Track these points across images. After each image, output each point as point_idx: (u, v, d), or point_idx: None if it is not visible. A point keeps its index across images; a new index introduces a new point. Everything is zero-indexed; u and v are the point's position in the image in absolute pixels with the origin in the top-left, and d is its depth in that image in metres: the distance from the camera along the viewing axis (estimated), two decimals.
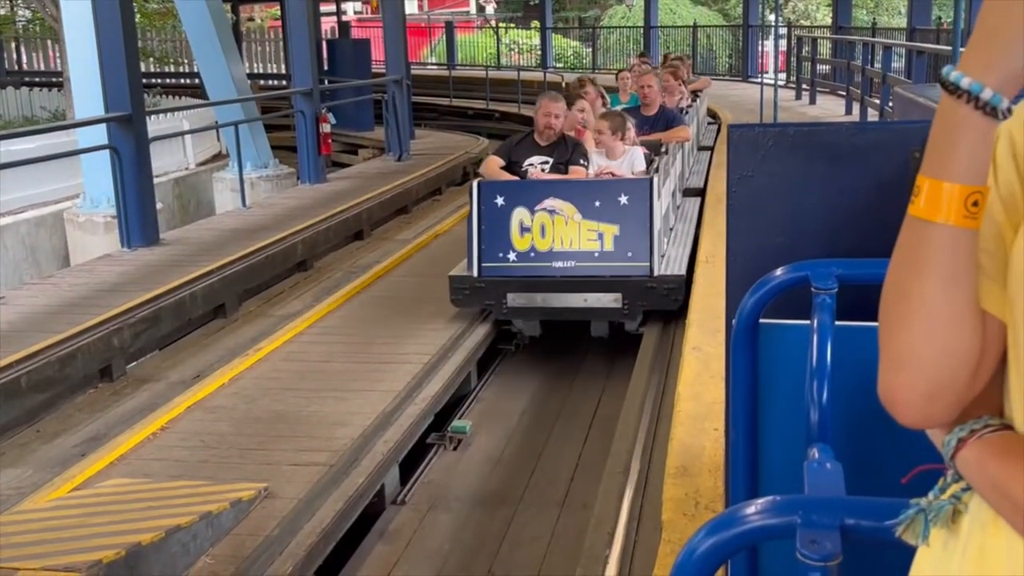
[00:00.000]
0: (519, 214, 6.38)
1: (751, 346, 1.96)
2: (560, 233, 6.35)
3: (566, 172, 6.73)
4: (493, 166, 6.82)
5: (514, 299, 6.45)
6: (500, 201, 6.41)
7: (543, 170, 6.75)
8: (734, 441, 2.04)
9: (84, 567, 3.37)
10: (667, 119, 8.56)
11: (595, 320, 6.61)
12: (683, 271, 6.48)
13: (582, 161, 6.75)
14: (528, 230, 6.37)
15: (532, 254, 6.39)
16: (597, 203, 6.32)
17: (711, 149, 11.41)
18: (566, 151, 6.79)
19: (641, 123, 8.03)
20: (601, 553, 3.82)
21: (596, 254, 6.33)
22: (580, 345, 7.05)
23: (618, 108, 8.74)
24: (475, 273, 6.49)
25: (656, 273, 6.30)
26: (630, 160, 6.83)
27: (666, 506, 3.25)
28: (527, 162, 6.80)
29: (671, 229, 7.56)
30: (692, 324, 5.08)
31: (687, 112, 9.78)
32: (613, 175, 6.67)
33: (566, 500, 5.04)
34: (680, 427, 3.85)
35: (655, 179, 6.41)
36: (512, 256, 6.42)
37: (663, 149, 7.58)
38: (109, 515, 3.98)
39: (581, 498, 4.93)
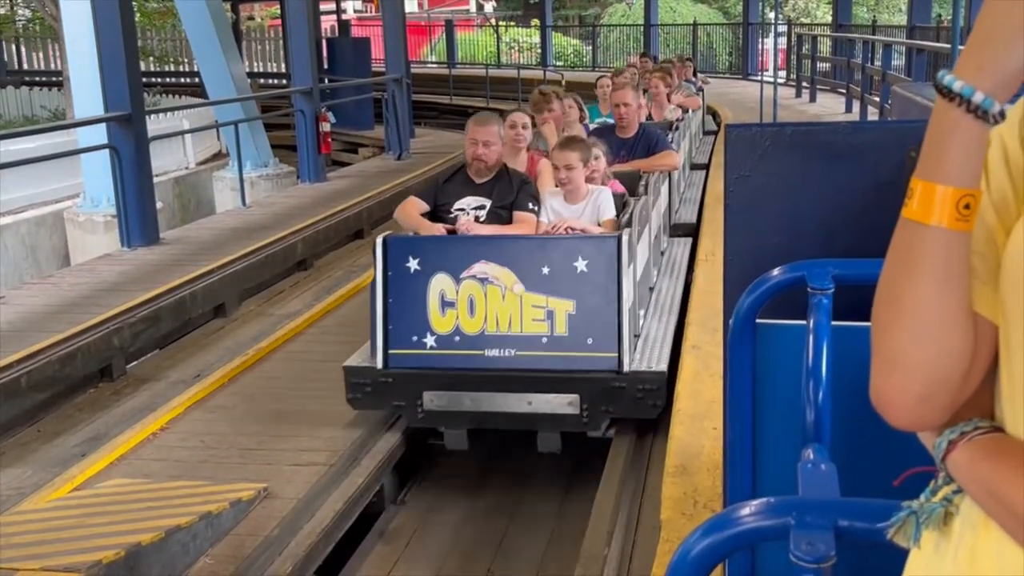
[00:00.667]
0: (440, 283, 4.70)
1: (748, 346, 1.96)
2: (495, 310, 4.67)
3: (509, 219, 5.08)
4: (411, 212, 5.12)
5: (433, 400, 4.74)
6: (414, 265, 4.72)
7: (477, 218, 5.07)
8: (732, 440, 2.04)
9: (84, 567, 3.37)
10: (649, 142, 6.80)
11: (543, 430, 4.78)
12: (664, 364, 4.78)
13: (531, 205, 5.09)
14: (452, 305, 4.70)
15: (457, 338, 4.70)
16: (545, 269, 4.65)
17: (707, 167, 9.99)
18: (509, 190, 5.11)
19: (617, 147, 6.57)
20: (600, 552, 3.83)
21: (544, 340, 4.65)
22: (529, 454, 5.07)
23: (596, 124, 7.58)
24: (379, 363, 4.77)
25: (627, 368, 4.62)
26: (594, 204, 5.14)
27: (665, 505, 3.25)
28: (457, 205, 5.13)
29: (652, 289, 5.94)
30: (691, 323, 5.08)
31: (677, 128, 8.16)
32: (571, 229, 4.98)
33: (566, 496, 4.96)
34: (679, 426, 3.85)
35: (625, 237, 4.72)
36: (430, 341, 4.72)
37: (643, 183, 5.99)
38: (109, 515, 3.99)
39: None
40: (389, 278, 4.78)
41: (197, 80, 17.72)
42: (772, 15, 16.56)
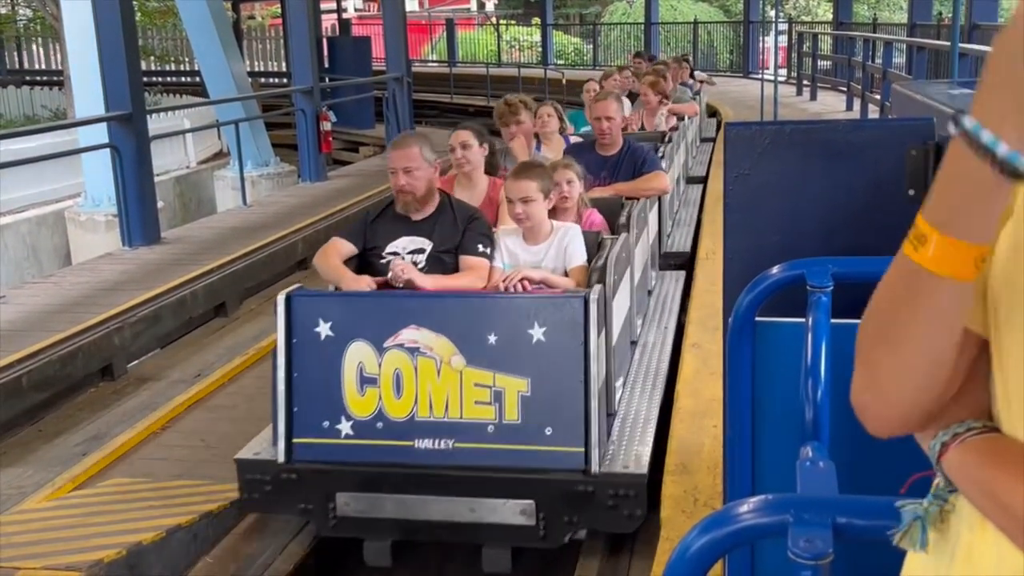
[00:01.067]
0: (358, 353, 3.67)
1: (748, 344, 1.97)
2: (428, 389, 3.63)
3: (454, 267, 4.10)
4: (333, 259, 4.15)
5: (348, 503, 3.70)
6: (324, 329, 3.71)
7: (416, 263, 4.06)
8: (731, 438, 2.05)
9: (85, 567, 3.38)
10: (635, 161, 5.70)
11: (489, 545, 3.69)
12: (645, 460, 3.64)
13: (481, 247, 4.10)
14: (373, 382, 3.66)
15: (380, 425, 3.66)
16: (491, 337, 3.60)
17: (704, 179, 9.10)
18: (453, 229, 4.13)
19: (597, 167, 5.56)
20: (600, 550, 3.83)
21: (490, 429, 3.60)
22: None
23: (579, 136, 6.73)
24: (281, 456, 3.75)
25: (596, 467, 3.53)
26: (560, 246, 4.12)
27: (665, 503, 3.25)
28: (389, 249, 4.14)
29: (634, 343, 4.82)
30: (692, 321, 5.08)
31: (670, 140, 7.18)
32: (528, 282, 3.95)
33: None
34: (679, 424, 3.86)
35: (594, 295, 3.62)
36: (345, 427, 3.70)
37: (624, 215, 4.85)
38: (110, 515, 3.99)
39: None
40: (294, 346, 3.76)
41: (198, 79, 17.74)
42: (773, 13, 16.56)
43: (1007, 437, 0.89)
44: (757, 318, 1.95)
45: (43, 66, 28.37)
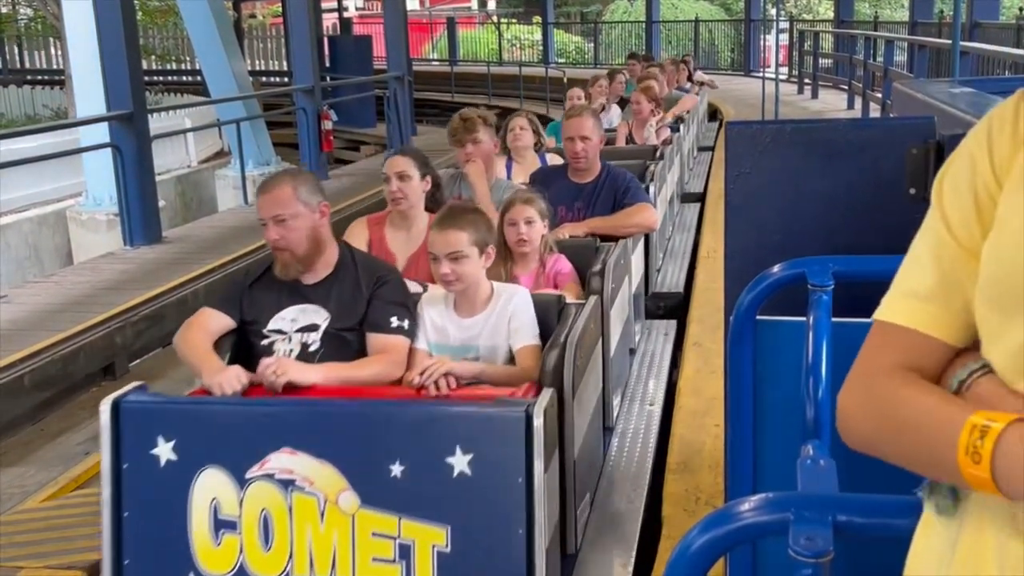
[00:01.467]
0: (211, 486, 2.57)
1: (749, 342, 1.97)
2: (308, 538, 2.52)
3: (360, 348, 3.01)
4: (195, 336, 3.13)
5: None
6: (165, 451, 2.60)
7: (306, 346, 3.00)
8: (733, 437, 2.05)
9: (87, 566, 3.38)
10: (615, 189, 4.63)
11: None
12: None
13: (395, 320, 3.00)
14: (232, 527, 2.55)
15: None
16: (396, 468, 2.48)
17: (702, 196, 8.26)
18: (356, 294, 3.06)
19: (570, 196, 4.63)
20: None
21: None
22: None
23: (556, 153, 5.46)
24: None
25: None
26: (501, 319, 3.02)
27: (666, 502, 3.26)
28: (273, 325, 3.06)
29: (610, 430, 3.71)
30: (693, 320, 5.08)
31: (662, 155, 6.22)
32: (454, 381, 2.81)
33: None
34: (681, 423, 3.86)
35: (542, 407, 2.45)
36: None
37: (600, 261, 3.76)
38: None
39: None
40: (124, 474, 2.62)
41: (199, 78, 17.75)
42: (774, 11, 16.55)
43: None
44: (758, 317, 1.95)
45: (44, 65, 28.39)
